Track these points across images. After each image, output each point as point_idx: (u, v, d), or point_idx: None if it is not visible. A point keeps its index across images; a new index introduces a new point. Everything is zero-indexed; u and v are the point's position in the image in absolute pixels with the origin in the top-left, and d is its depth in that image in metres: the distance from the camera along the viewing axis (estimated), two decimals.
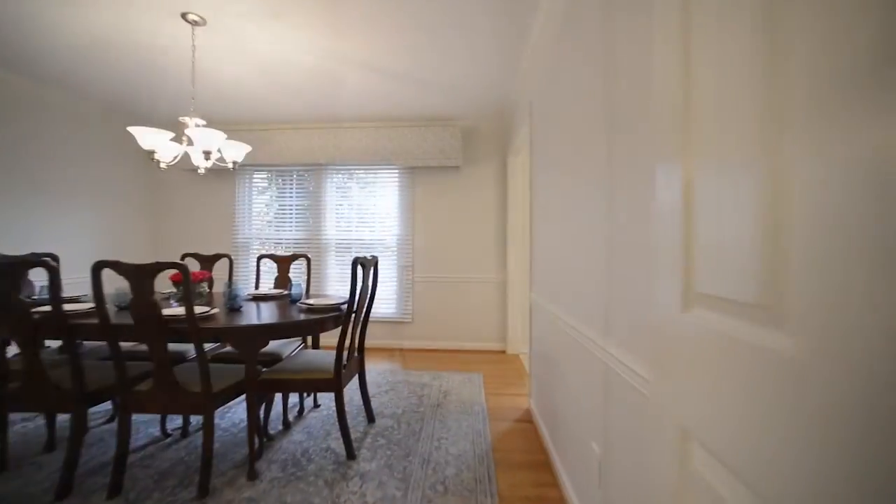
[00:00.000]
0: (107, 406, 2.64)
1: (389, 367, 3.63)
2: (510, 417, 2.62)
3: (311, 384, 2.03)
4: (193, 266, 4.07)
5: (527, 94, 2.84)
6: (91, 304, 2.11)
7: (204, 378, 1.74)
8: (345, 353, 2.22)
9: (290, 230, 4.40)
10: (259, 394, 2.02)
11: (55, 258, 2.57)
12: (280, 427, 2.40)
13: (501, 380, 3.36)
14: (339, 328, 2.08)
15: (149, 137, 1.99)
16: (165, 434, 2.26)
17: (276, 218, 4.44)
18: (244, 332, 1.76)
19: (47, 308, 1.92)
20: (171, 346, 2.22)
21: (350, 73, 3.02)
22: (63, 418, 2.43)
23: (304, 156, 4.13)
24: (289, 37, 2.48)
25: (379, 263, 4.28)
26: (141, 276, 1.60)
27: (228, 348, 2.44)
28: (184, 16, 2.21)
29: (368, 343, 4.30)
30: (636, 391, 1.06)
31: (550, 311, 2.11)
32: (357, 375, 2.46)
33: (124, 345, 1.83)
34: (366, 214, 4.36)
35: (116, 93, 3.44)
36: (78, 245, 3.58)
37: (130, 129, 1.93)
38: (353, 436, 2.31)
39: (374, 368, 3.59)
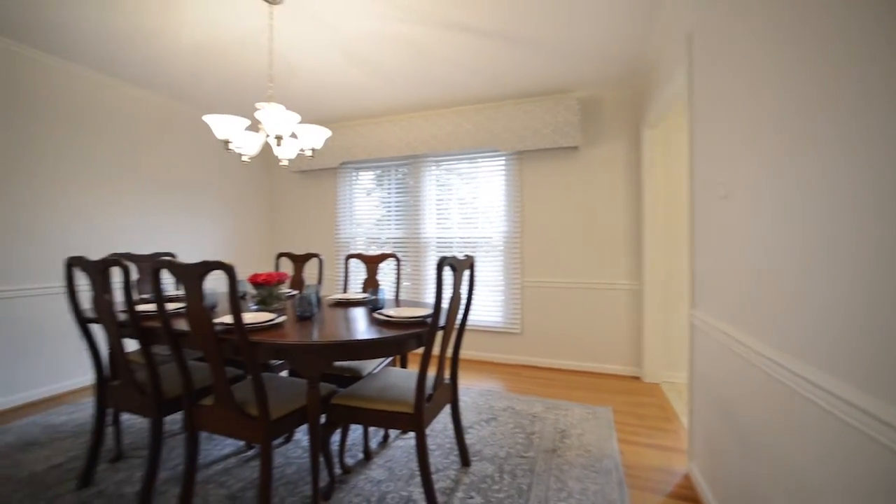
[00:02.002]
0: None
1: (491, 388, 3.08)
2: (660, 487, 1.83)
3: (386, 418, 1.60)
4: (287, 267, 4.18)
5: (680, 28, 2.00)
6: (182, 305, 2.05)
7: (260, 401, 1.44)
8: (430, 380, 1.74)
9: (390, 228, 4.19)
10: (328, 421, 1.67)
11: (173, 256, 2.68)
12: (360, 456, 2.05)
13: (639, 419, 2.52)
14: (423, 349, 1.61)
15: (223, 126, 1.81)
16: (248, 446, 2.10)
17: (375, 215, 4.28)
18: (298, 351, 1.41)
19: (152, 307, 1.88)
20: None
21: (441, 41, 2.57)
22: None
23: (402, 148, 3.86)
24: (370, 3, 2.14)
25: (482, 265, 3.78)
26: (190, 277, 1.36)
27: None
28: None
29: (467, 355, 3.82)
30: None
31: (742, 345, 1.30)
32: (449, 405, 1.97)
33: None
34: (468, 209, 3.90)
35: (218, 97, 3.62)
36: (198, 244, 3.88)
37: (206, 117, 1.78)
38: (440, 484, 1.82)
39: (473, 388, 3.08)
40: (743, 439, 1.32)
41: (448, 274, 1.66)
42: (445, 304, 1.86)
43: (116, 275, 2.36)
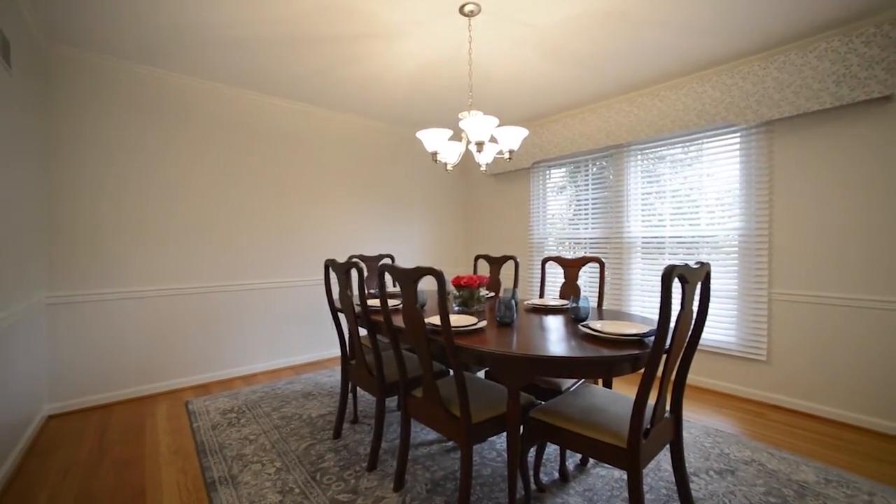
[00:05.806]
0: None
1: (722, 428, 2.43)
2: None
3: (590, 445, 1.41)
4: (483, 269, 4.33)
5: None
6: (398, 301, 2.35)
7: (463, 404, 1.48)
8: (649, 411, 1.46)
9: (587, 228, 3.86)
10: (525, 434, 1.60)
11: (392, 258, 3.16)
12: (556, 475, 1.91)
13: None
14: (640, 373, 1.35)
15: (432, 138, 1.97)
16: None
17: (567, 214, 4.03)
18: (501, 361, 1.37)
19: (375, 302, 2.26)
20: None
21: (650, 4, 2.13)
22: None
23: (600, 139, 3.48)
24: None
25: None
26: (406, 281, 1.51)
27: None
28: (461, 9, 2.10)
29: (689, 378, 3.14)
30: None
31: None
32: (669, 445, 1.62)
33: None
34: (684, 203, 3.21)
35: (426, 113, 4.01)
36: (410, 245, 4.48)
37: (419, 133, 1.98)
38: None
39: (695, 422, 2.50)
40: None
41: (676, 287, 1.34)
42: (671, 324, 1.52)
43: (354, 274, 2.91)
